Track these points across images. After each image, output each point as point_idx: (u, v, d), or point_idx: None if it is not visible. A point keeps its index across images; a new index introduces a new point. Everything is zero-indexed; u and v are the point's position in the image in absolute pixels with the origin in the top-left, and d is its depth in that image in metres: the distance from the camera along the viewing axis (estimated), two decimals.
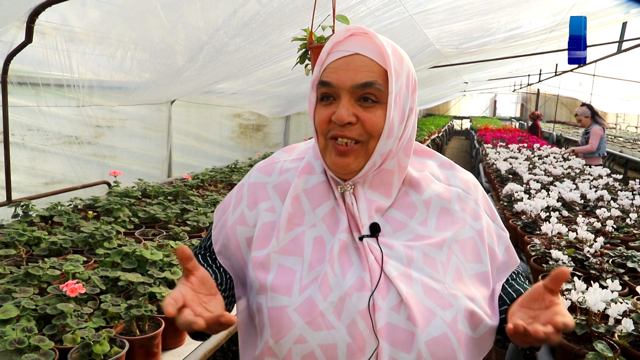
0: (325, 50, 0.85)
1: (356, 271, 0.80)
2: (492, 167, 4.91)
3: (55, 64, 2.46)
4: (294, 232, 0.86)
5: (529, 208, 2.70)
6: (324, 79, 0.83)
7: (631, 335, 1.34)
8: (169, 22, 2.49)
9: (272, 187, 0.92)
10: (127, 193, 2.89)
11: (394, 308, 0.77)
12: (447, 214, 0.88)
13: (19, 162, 2.89)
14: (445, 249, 0.84)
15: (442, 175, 0.94)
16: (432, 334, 0.76)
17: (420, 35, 3.91)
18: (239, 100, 4.79)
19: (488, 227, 0.90)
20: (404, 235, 0.85)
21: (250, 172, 0.98)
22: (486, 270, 0.86)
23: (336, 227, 0.85)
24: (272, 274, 0.83)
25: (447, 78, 8.90)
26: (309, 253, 0.84)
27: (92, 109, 3.26)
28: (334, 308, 0.77)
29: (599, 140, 5.69)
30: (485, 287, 0.86)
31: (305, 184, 0.89)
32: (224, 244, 0.93)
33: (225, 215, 0.95)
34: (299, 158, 0.96)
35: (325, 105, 0.84)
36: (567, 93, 13.88)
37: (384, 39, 0.83)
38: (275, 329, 0.79)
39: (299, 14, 2.61)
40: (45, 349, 1.23)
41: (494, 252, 0.89)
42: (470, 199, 0.91)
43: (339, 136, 0.82)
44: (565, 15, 3.87)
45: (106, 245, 2.01)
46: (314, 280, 0.81)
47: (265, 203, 0.90)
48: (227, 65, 3.18)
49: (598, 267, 1.89)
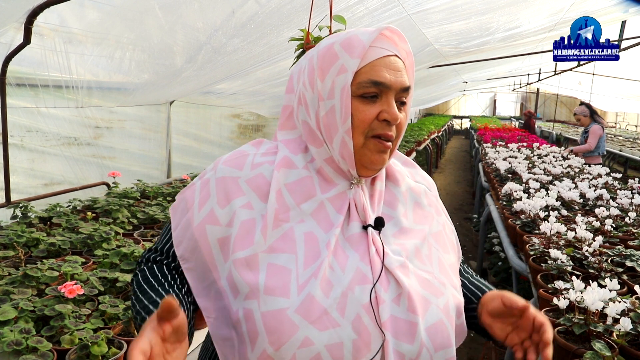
0: (362, 42, 0.80)
1: (354, 264, 0.79)
2: (491, 166, 4.91)
3: (53, 65, 2.46)
4: (282, 229, 0.80)
5: (528, 207, 2.70)
6: (376, 78, 0.80)
7: (629, 334, 1.34)
8: (168, 22, 2.49)
9: (245, 181, 0.84)
10: (126, 194, 2.89)
11: (395, 300, 0.77)
12: (420, 208, 0.93)
13: (18, 164, 2.89)
14: (426, 242, 0.88)
15: (407, 172, 0.98)
16: (430, 322, 0.78)
17: (419, 35, 3.91)
18: (238, 100, 4.79)
19: (445, 221, 0.97)
20: (391, 227, 0.87)
21: (214, 165, 0.88)
22: (455, 261, 0.93)
23: (327, 222, 0.83)
24: (262, 275, 0.76)
25: (446, 77, 8.90)
26: (301, 249, 0.79)
27: (91, 110, 3.26)
28: (337, 304, 0.74)
29: (597, 139, 5.70)
30: (457, 277, 0.91)
31: (286, 178, 0.84)
32: (189, 247, 0.84)
33: (189, 214, 0.84)
34: (269, 152, 0.88)
35: (370, 103, 0.81)
36: (566, 92, 13.90)
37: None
38: (274, 335, 0.72)
39: (297, 14, 2.61)
40: (43, 350, 1.24)
41: (453, 243, 0.96)
42: (432, 196, 0.98)
43: (387, 136, 0.82)
44: (564, 15, 3.87)
45: (105, 246, 2.01)
46: (312, 276, 0.76)
47: (240, 200, 0.82)
48: (225, 66, 3.18)
49: (597, 266, 1.89)
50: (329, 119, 0.82)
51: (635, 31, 5.22)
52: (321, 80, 0.82)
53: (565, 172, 4.27)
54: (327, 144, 0.84)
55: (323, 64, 0.83)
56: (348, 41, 0.81)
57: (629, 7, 3.71)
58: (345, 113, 0.80)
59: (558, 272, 1.83)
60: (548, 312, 1.58)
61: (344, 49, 0.81)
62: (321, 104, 0.82)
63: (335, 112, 0.81)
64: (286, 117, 0.91)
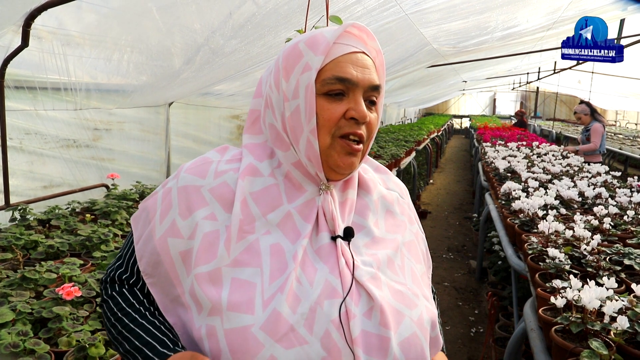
0: (326, 39, 0.77)
1: (322, 276, 0.75)
2: (490, 165, 4.91)
3: (52, 67, 2.46)
4: (247, 241, 0.76)
5: (527, 206, 2.70)
6: (341, 74, 0.76)
7: (627, 332, 1.34)
8: (165, 24, 2.49)
9: (208, 190, 0.80)
10: (125, 196, 2.89)
11: (366, 314, 0.74)
12: (392, 217, 0.90)
13: (17, 166, 2.89)
14: (399, 252, 0.86)
15: (379, 179, 0.95)
16: (403, 335, 0.75)
17: (417, 35, 3.91)
18: (237, 101, 4.80)
19: (417, 230, 0.95)
20: (362, 238, 0.84)
21: (177, 173, 0.84)
22: (424, 271, 0.91)
23: (294, 233, 0.79)
24: (225, 290, 0.72)
25: (445, 77, 8.91)
26: (267, 262, 0.75)
27: (89, 112, 3.26)
28: (304, 320, 0.70)
29: (600, 137, 5.68)
30: (427, 287, 0.89)
31: (251, 187, 0.80)
32: (152, 262, 0.80)
33: (151, 226, 0.81)
34: (234, 159, 0.85)
35: (336, 101, 0.77)
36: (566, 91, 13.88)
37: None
38: (238, 354, 0.69)
39: (294, 15, 2.61)
40: (40, 352, 1.24)
41: (424, 253, 0.95)
42: (405, 203, 0.95)
43: (356, 135, 0.78)
44: (562, 13, 3.87)
45: (103, 248, 2.01)
46: (278, 291, 0.72)
47: (203, 210, 0.78)
48: (224, 67, 3.19)
49: (595, 265, 1.89)
50: (294, 120, 0.79)
51: (634, 29, 5.21)
52: (286, 81, 0.79)
53: (564, 170, 4.26)
54: (293, 146, 0.81)
55: (287, 63, 0.79)
56: (313, 39, 0.78)
57: (628, 5, 3.71)
58: (309, 112, 0.77)
59: (556, 271, 1.83)
60: (546, 311, 1.58)
61: (308, 47, 0.78)
62: (286, 105, 0.79)
63: (300, 112, 0.77)
64: (252, 122, 0.88)
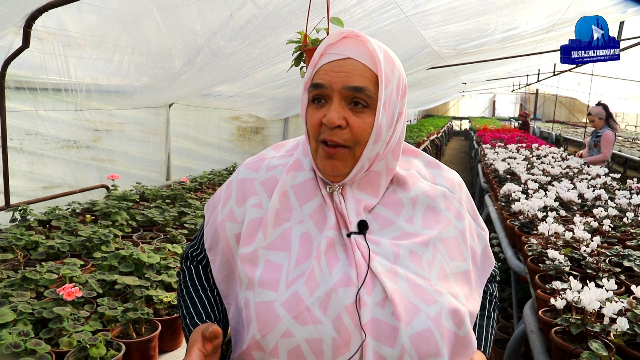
0: (317, 52, 0.85)
1: (342, 267, 0.82)
2: (490, 167, 4.91)
3: (52, 68, 2.47)
4: (282, 228, 0.87)
5: (526, 208, 2.71)
6: (316, 80, 0.84)
7: (626, 334, 1.34)
8: (166, 26, 2.49)
9: (260, 183, 0.93)
10: (125, 196, 2.89)
11: (379, 304, 0.79)
12: (433, 212, 0.90)
13: (18, 167, 2.89)
14: (430, 247, 0.86)
15: (428, 174, 0.97)
16: (416, 329, 0.77)
17: (417, 37, 3.92)
18: (237, 102, 4.80)
19: (470, 226, 0.95)
20: (390, 232, 0.87)
21: (238, 168, 1.00)
22: (468, 269, 0.90)
23: (324, 223, 0.86)
24: (259, 269, 0.84)
25: (445, 79, 8.91)
26: (296, 248, 0.85)
27: (90, 113, 3.27)
28: (319, 303, 0.79)
29: (611, 147, 5.29)
30: (467, 286, 0.89)
31: (293, 181, 0.90)
32: (214, 241, 0.95)
33: (215, 212, 0.96)
34: (287, 155, 0.97)
35: (317, 108, 0.84)
36: (565, 93, 13.91)
37: (376, 43, 0.84)
38: (261, 323, 0.80)
39: (294, 17, 2.62)
40: (41, 352, 1.24)
41: (474, 251, 0.94)
42: (455, 199, 0.95)
43: (328, 140, 0.83)
44: (562, 15, 3.88)
45: (103, 249, 2.01)
46: (301, 275, 0.82)
47: (253, 199, 0.91)
48: (224, 68, 3.19)
49: (594, 267, 1.89)
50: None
51: (634, 31, 5.22)
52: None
53: (564, 172, 4.27)
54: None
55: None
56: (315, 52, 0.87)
57: (627, 7, 3.71)
58: (303, 119, 0.88)
59: (556, 273, 1.83)
60: (546, 313, 1.58)
61: (312, 59, 0.88)
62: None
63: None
64: None
